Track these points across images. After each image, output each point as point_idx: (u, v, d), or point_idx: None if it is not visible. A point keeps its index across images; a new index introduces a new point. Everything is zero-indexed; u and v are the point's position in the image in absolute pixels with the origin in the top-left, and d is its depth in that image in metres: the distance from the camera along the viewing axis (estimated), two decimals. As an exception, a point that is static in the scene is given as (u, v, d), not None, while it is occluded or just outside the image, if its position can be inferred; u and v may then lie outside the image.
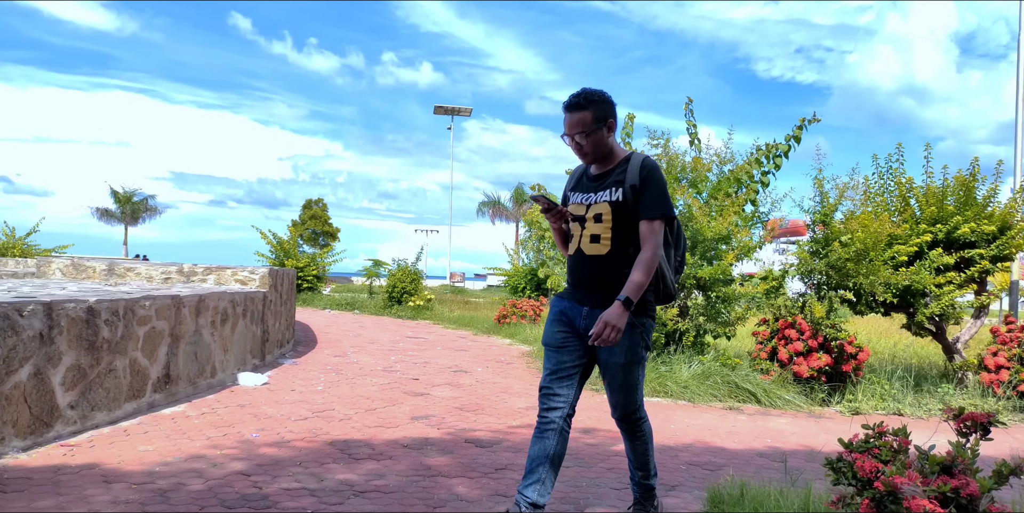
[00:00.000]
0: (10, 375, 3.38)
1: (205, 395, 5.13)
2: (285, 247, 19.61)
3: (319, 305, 17.36)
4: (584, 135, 2.56)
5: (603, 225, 2.58)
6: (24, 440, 3.46)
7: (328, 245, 38.72)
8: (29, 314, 3.49)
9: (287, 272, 8.14)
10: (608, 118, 2.58)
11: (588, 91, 2.58)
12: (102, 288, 5.18)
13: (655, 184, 2.56)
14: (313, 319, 12.96)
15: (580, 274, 2.66)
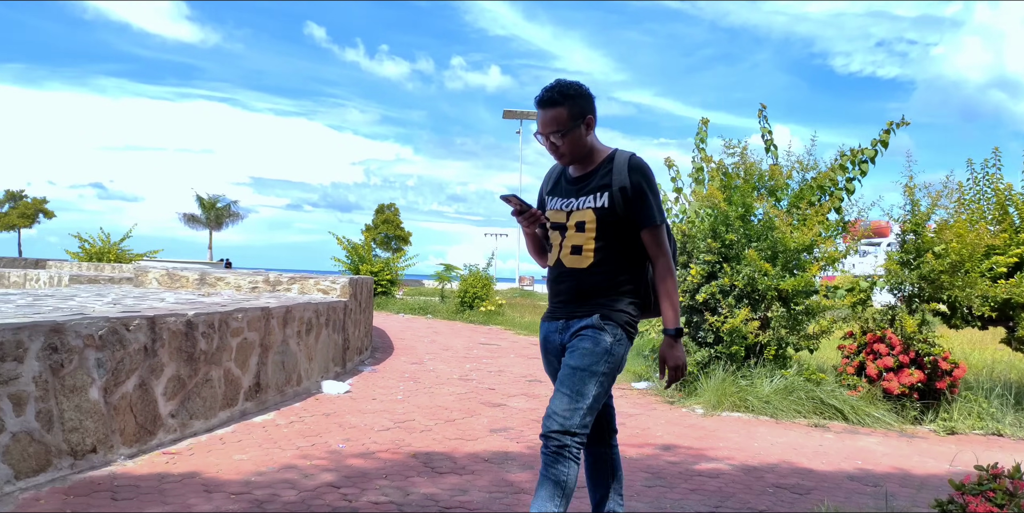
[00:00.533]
0: (118, 386, 3.59)
1: (292, 403, 5.31)
2: (360, 252, 20.08)
3: (393, 309, 17.71)
4: (560, 135, 2.30)
5: (586, 235, 2.34)
6: (130, 448, 3.67)
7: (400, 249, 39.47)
8: (135, 328, 3.70)
9: (365, 281, 8.35)
10: (586, 114, 2.32)
11: (563, 84, 2.32)
12: (197, 299, 5.44)
13: (650, 187, 2.33)
14: (388, 324, 13.23)
15: (560, 289, 2.42)
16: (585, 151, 2.37)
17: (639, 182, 2.31)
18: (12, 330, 3.01)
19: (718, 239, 6.34)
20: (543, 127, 2.32)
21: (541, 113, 2.32)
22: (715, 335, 6.25)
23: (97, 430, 3.45)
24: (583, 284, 2.36)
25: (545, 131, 2.32)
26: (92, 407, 3.42)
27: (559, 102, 2.28)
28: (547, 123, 2.30)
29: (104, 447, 3.50)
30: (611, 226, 2.32)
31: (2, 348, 2.96)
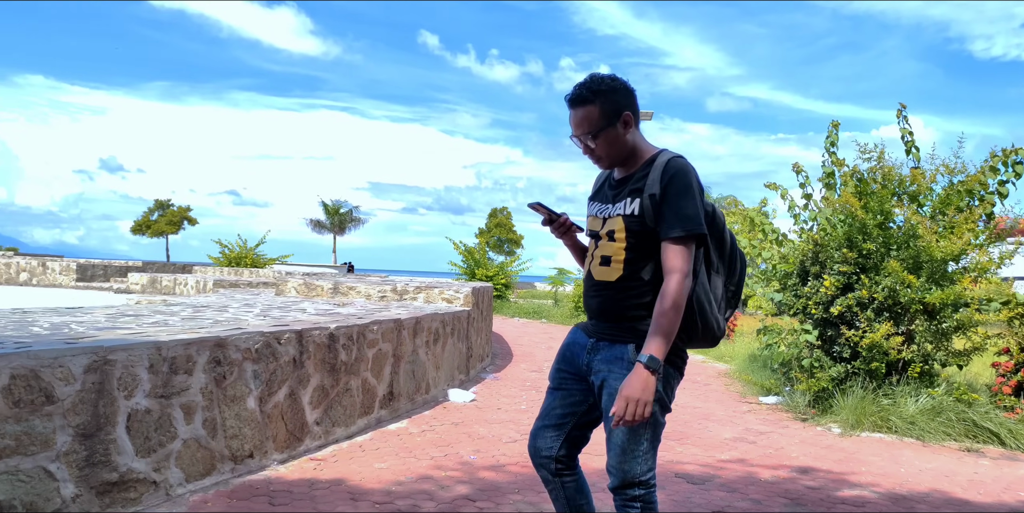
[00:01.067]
0: (271, 396, 3.85)
1: (422, 411, 5.50)
2: (475, 256, 20.51)
3: (508, 313, 17.96)
4: (592, 136, 2.07)
5: (616, 245, 2.09)
6: (282, 453, 3.92)
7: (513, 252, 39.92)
8: (285, 342, 3.96)
9: (486, 289, 8.52)
10: (622, 111, 2.06)
11: (594, 79, 2.08)
12: (333, 310, 5.74)
13: (679, 192, 2.00)
14: (505, 329, 13.42)
15: (588, 303, 2.20)
16: (625, 152, 2.11)
17: (668, 186, 2.01)
18: (183, 345, 3.30)
19: (854, 249, 6.01)
20: (574, 128, 2.10)
21: (572, 113, 2.10)
22: (852, 350, 5.94)
23: (254, 437, 3.72)
24: (611, 299, 2.11)
25: (577, 133, 2.10)
26: (249, 415, 3.69)
27: (589, 99, 2.05)
28: (578, 124, 2.08)
29: (260, 453, 3.76)
30: (643, 236, 2.05)
31: (175, 362, 3.25)
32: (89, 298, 13.71)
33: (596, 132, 2.06)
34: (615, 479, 2.09)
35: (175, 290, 15.57)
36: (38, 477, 2.66)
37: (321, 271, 22.03)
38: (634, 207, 2.05)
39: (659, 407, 2.03)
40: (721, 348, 10.52)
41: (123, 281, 19.32)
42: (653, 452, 2.09)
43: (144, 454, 3.09)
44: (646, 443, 2.07)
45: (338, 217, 49.81)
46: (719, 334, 2.15)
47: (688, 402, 6.59)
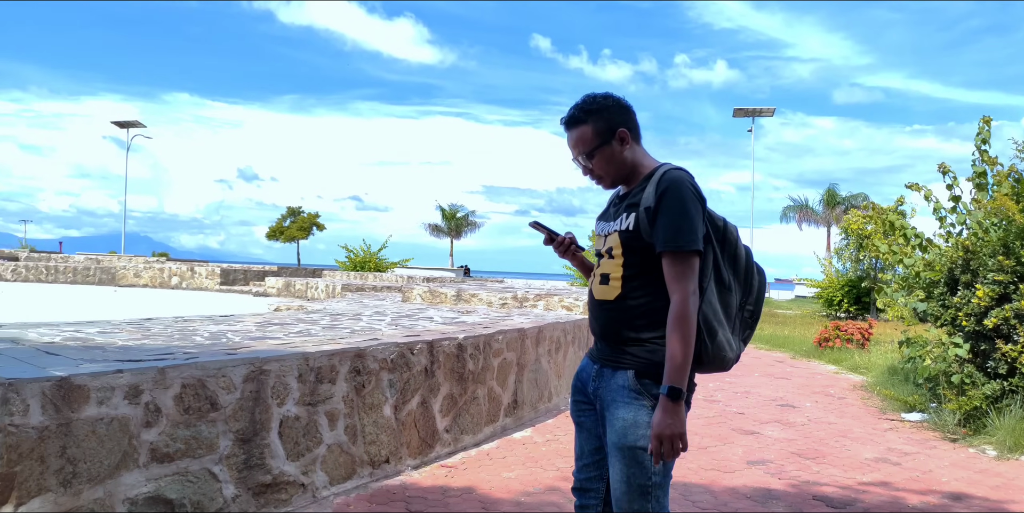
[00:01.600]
0: (405, 404, 4.02)
1: (545, 420, 5.55)
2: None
3: (624, 318, 17.76)
4: (587, 155, 2.03)
5: (614, 262, 1.99)
6: (415, 459, 4.08)
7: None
8: (417, 352, 4.11)
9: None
10: (617, 128, 2.02)
11: (586, 99, 2.05)
12: (458, 318, 5.90)
13: (672, 205, 1.89)
14: (622, 334, 13.29)
15: (592, 324, 2.09)
16: (625, 169, 2.05)
17: (662, 199, 1.91)
18: (327, 356, 3.50)
19: (1012, 256, 5.53)
20: (572, 149, 2.07)
21: (568, 135, 2.07)
22: (1009, 366, 5.46)
23: (389, 443, 3.89)
24: (612, 320, 1.99)
25: (574, 153, 2.07)
26: (386, 423, 3.87)
27: (582, 120, 2.03)
28: (575, 144, 2.06)
29: (395, 458, 3.93)
30: (639, 252, 1.95)
31: (320, 372, 3.46)
32: (233, 301, 14.77)
33: (592, 151, 2.03)
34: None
35: (307, 294, 16.51)
36: (204, 478, 2.90)
37: (440, 275, 22.67)
38: (629, 222, 1.97)
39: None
40: (855, 358, 9.96)
41: (260, 284, 20.66)
42: (662, 487, 1.92)
43: (294, 458, 3.30)
44: (655, 477, 1.90)
45: (455, 221, 51.09)
46: (731, 357, 2.00)
47: (822, 417, 6.29)
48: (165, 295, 16.90)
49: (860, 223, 8.46)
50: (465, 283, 10.71)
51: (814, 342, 11.56)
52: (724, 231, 2.05)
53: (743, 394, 7.34)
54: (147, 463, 2.70)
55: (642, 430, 1.89)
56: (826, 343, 11.21)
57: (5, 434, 2.32)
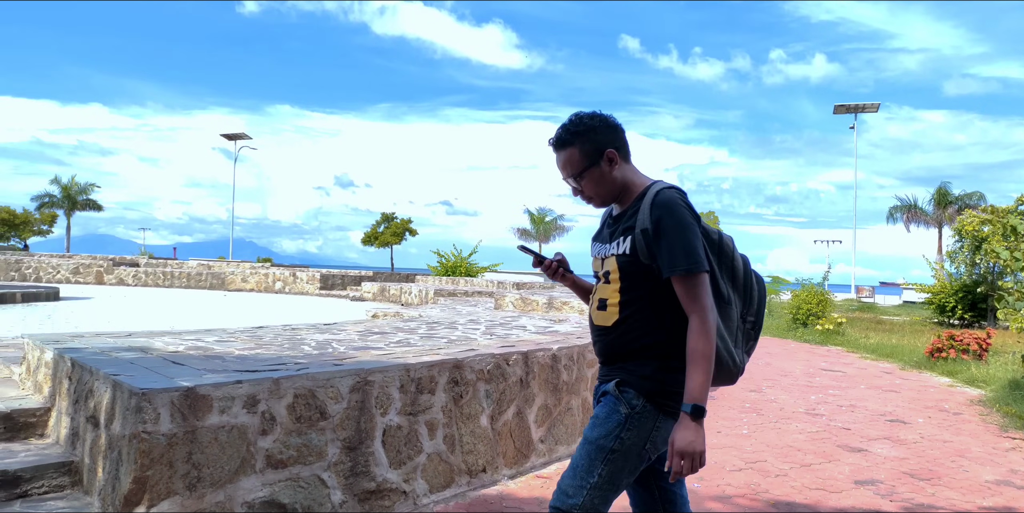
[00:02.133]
0: (501, 414, 4.07)
1: (639, 431, 5.49)
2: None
3: (718, 324, 17.30)
4: (576, 178, 2.04)
5: (611, 287, 2.01)
6: (510, 469, 4.13)
7: (720, 258, 38.38)
8: (513, 363, 4.16)
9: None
10: (604, 149, 2.00)
11: (572, 120, 2.03)
12: (551, 327, 5.92)
13: (670, 227, 1.88)
14: (716, 342, 12.96)
15: (594, 347, 2.11)
16: (616, 189, 2.05)
17: (658, 222, 1.89)
18: (427, 367, 3.60)
19: None
20: (560, 171, 2.08)
21: (556, 157, 2.07)
22: None
23: (486, 453, 3.95)
24: (612, 344, 2.02)
25: (563, 175, 2.08)
26: (483, 432, 3.93)
27: (569, 142, 2.02)
28: (563, 166, 2.06)
29: (491, 468, 3.99)
30: (637, 276, 1.96)
31: (421, 383, 3.56)
32: (333, 306, 15.35)
33: (580, 173, 2.03)
34: (556, 499, 1.95)
35: (401, 298, 16.96)
36: (314, 484, 3.04)
37: (529, 280, 22.78)
38: (626, 246, 1.97)
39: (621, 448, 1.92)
40: (972, 370, 9.33)
41: (357, 289, 21.37)
42: (605, 492, 1.92)
43: (396, 466, 3.41)
44: (598, 479, 1.91)
45: (543, 226, 51.27)
46: (735, 371, 2.01)
47: (936, 434, 5.94)
48: (270, 299, 17.74)
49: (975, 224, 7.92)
50: (555, 290, 10.74)
51: (925, 352, 10.92)
52: (720, 245, 2.04)
53: (848, 408, 7.02)
54: (263, 469, 2.86)
55: (608, 431, 1.94)
56: (939, 353, 10.56)
57: (139, 440, 2.52)
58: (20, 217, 46.98)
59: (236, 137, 45.55)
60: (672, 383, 1.95)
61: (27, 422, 3.40)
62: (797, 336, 14.85)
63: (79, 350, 3.49)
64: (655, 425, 1.96)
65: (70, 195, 49.01)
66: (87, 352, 3.43)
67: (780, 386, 8.23)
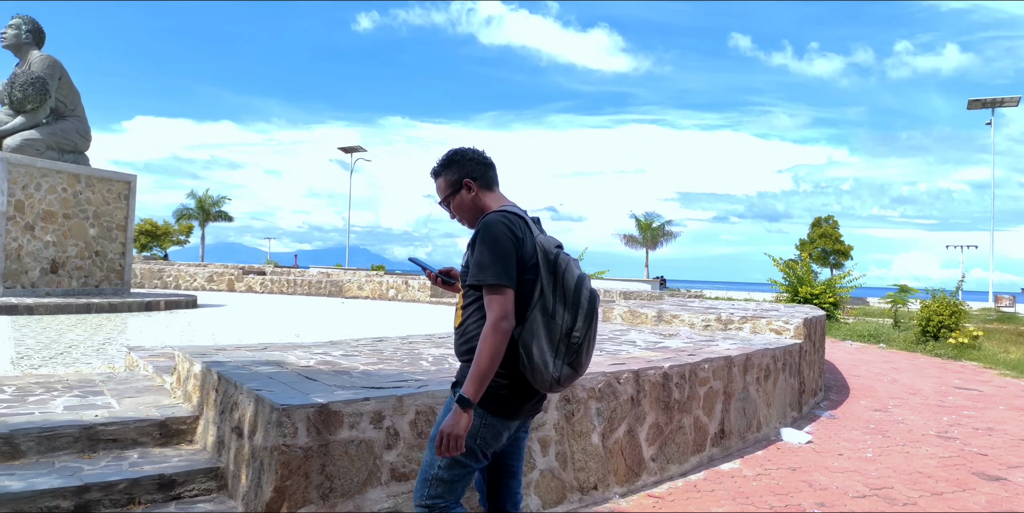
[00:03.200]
0: (612, 432, 4.10)
1: (754, 451, 5.36)
2: (797, 272, 19.23)
3: (838, 335, 16.51)
4: (445, 203, 2.42)
5: (461, 294, 2.38)
6: (621, 487, 4.15)
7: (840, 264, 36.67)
8: (624, 381, 4.19)
9: (818, 319, 7.98)
10: (463, 178, 2.36)
11: (446, 154, 2.40)
12: (661, 342, 5.88)
13: (481, 243, 2.18)
14: (836, 355, 12.38)
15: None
16: (476, 213, 2.38)
17: (475, 238, 2.23)
18: (539, 385, 3.68)
19: None
20: (438, 197, 2.44)
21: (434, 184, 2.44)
22: None
23: (597, 470, 4.00)
24: (457, 344, 2.35)
25: (439, 202, 2.44)
26: (594, 450, 3.98)
27: (439, 172, 2.40)
28: (437, 192, 2.43)
29: (603, 485, 4.03)
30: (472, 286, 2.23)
31: (533, 400, 3.64)
32: (443, 313, 15.75)
33: (446, 199, 2.40)
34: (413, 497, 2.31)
35: (508, 306, 17.17)
36: (434, 496, 3.19)
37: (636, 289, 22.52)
38: (466, 259, 2.29)
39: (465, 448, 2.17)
40: None
41: (465, 297, 21.67)
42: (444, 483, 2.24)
43: (510, 481, 3.51)
44: (438, 470, 2.24)
45: (650, 232, 50.47)
46: (551, 380, 2.17)
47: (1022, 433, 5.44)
48: (384, 307, 18.44)
49: None
50: (665, 301, 10.60)
51: (1077, 371, 9.98)
52: (554, 263, 2.23)
53: (985, 431, 6.54)
54: (388, 481, 3.03)
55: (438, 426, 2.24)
56: (1093, 373, 9.62)
57: (280, 452, 2.74)
58: (161, 228, 51.12)
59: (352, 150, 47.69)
60: (493, 385, 2.20)
61: (178, 429, 3.75)
62: (927, 350, 13.92)
63: (223, 364, 3.81)
64: (481, 422, 2.23)
65: (204, 207, 52.82)
66: (230, 366, 3.74)
67: (908, 405, 7.77)
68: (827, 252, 41.87)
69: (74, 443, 3.47)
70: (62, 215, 15.04)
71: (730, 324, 7.21)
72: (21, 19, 15.49)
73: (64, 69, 15.73)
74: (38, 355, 7.40)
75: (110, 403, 4.02)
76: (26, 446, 3.36)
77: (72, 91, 15.92)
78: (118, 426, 3.59)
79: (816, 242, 41.94)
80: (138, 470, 3.23)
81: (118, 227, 16.33)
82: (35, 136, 14.94)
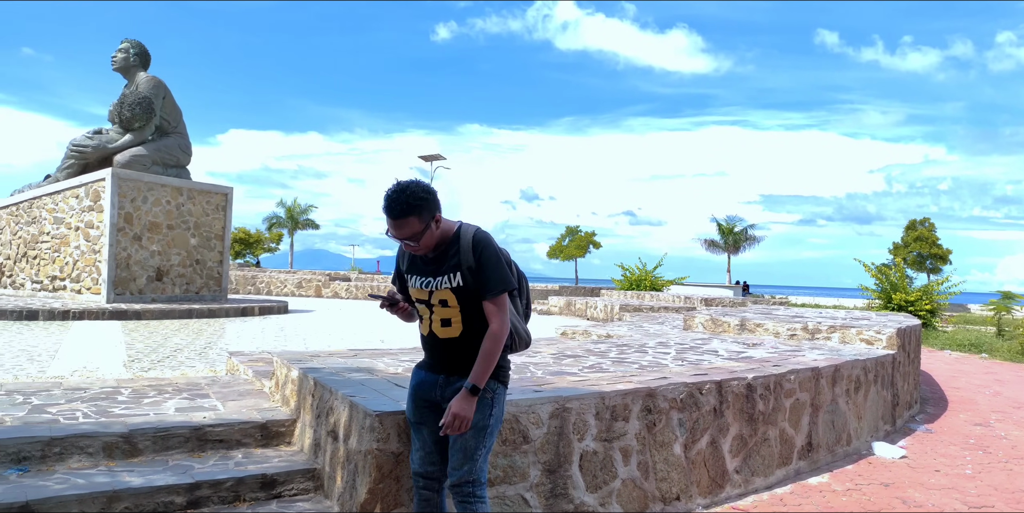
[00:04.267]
0: (694, 443, 4.09)
1: (843, 465, 5.21)
2: (891, 278, 18.42)
3: (935, 345, 15.70)
4: (416, 240, 2.54)
5: (451, 309, 2.62)
6: (704, 498, 4.13)
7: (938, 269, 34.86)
8: (706, 392, 4.17)
9: (913, 329, 7.66)
10: (434, 214, 2.54)
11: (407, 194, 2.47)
12: (744, 352, 5.80)
13: (490, 262, 2.58)
14: (933, 365, 11.79)
15: (437, 355, 2.71)
16: (440, 240, 2.62)
17: (480, 259, 2.57)
18: (621, 395, 3.73)
19: None
20: (397, 232, 2.52)
21: (393, 221, 2.50)
22: None
23: (680, 481, 3.99)
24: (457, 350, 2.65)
25: (401, 236, 2.53)
26: (676, 460, 3.98)
27: (408, 213, 2.48)
28: (400, 231, 2.52)
29: (685, 496, 4.02)
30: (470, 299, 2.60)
31: (615, 410, 3.69)
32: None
33: (419, 236, 2.53)
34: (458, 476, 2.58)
35: (587, 313, 17.18)
36: (518, 503, 3.28)
37: (717, 295, 22.08)
38: (458, 280, 2.58)
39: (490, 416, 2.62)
40: None
41: (544, 303, 21.93)
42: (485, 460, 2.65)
43: (592, 490, 3.57)
44: (484, 450, 2.63)
45: (732, 236, 49.27)
46: (528, 340, 2.81)
47: None
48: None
49: None
50: (748, 309, 10.38)
51: None
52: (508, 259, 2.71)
53: (1101, 450, 6.12)
54: (474, 487, 3.13)
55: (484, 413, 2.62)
56: None
57: (373, 456, 2.89)
58: (253, 236, 53.52)
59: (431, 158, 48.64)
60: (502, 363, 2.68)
61: (278, 431, 3.99)
62: (1035, 361, 13.08)
63: (318, 370, 4.02)
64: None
65: (293, 215, 54.99)
66: (324, 372, 3.95)
67: (1012, 420, 7.35)
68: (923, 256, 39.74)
69: (185, 443, 3.74)
70: (166, 226, 16.01)
71: (817, 334, 7.02)
72: (129, 43, 16.62)
73: (167, 89, 16.77)
74: (147, 358, 7.94)
75: (215, 406, 4.30)
76: (143, 445, 3.65)
77: (175, 109, 16.95)
78: (224, 428, 3.84)
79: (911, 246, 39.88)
80: (243, 469, 3.46)
81: (216, 236, 17.24)
82: (142, 152, 15.98)
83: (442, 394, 2.67)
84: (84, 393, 4.60)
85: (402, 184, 2.52)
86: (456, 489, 2.60)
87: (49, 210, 15.73)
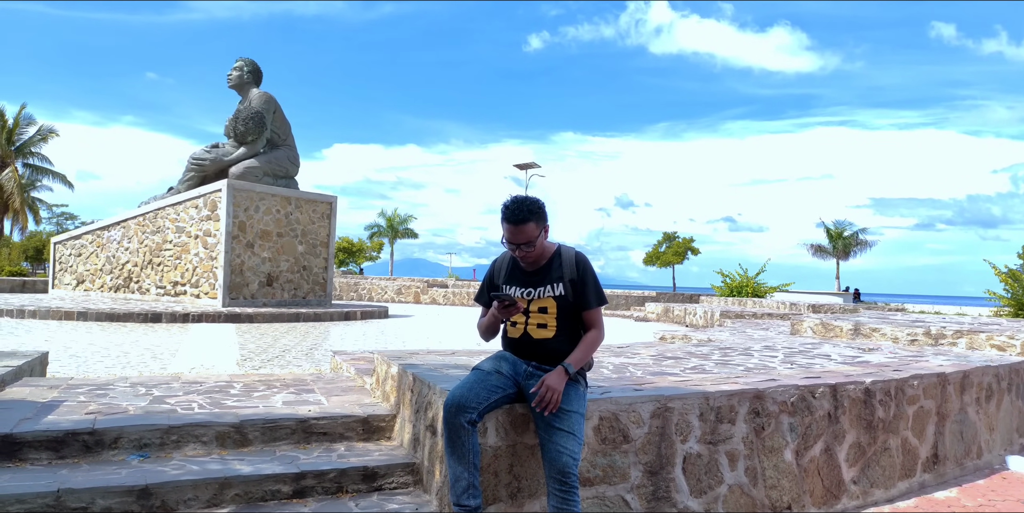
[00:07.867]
0: (807, 450, 3.85)
1: (974, 479, 4.78)
2: (1023, 282, 16.93)
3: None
4: (531, 245, 2.85)
5: (549, 315, 2.95)
6: (818, 508, 3.87)
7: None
8: (819, 396, 3.92)
9: (1052, 334, 6.97)
10: (545, 223, 2.90)
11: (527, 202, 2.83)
12: (859, 356, 5.44)
13: (592, 278, 2.96)
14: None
15: (528, 352, 2.98)
16: (539, 254, 2.94)
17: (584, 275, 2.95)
18: (727, 396, 3.56)
19: None
20: (515, 237, 2.84)
21: (511, 227, 2.83)
22: None
23: (791, 489, 3.77)
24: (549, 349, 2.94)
25: (519, 241, 2.84)
26: (787, 468, 3.76)
27: (527, 218, 2.82)
28: (518, 236, 2.83)
29: (797, 505, 3.78)
30: (568, 307, 2.94)
31: (720, 412, 3.52)
32: (618, 326, 15.67)
33: (535, 241, 2.85)
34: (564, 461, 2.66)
35: (685, 319, 16.72)
36: (618, 504, 3.18)
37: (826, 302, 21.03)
38: (560, 290, 2.94)
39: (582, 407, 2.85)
40: None
41: (641, 309, 21.54)
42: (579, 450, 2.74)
43: (697, 494, 3.41)
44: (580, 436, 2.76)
45: (842, 241, 46.84)
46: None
47: None
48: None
49: None
50: (861, 314, 9.80)
51: None
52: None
53: None
54: (573, 485, 3.05)
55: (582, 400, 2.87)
56: None
57: (471, 450, 2.86)
58: (356, 246, 55.48)
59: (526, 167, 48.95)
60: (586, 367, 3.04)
61: (378, 426, 4.04)
62: None
63: (417, 366, 4.06)
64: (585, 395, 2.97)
65: (393, 225, 56.64)
66: (423, 368, 3.98)
67: None
68: (1059, 261, 36.38)
69: (291, 434, 3.85)
70: (275, 234, 16.81)
71: (941, 339, 6.52)
72: (244, 61, 17.63)
73: (278, 104, 17.65)
74: (258, 357, 8.31)
75: (320, 400, 4.42)
76: (252, 435, 3.78)
77: (284, 123, 17.82)
78: (328, 421, 3.93)
79: (1046, 249, 36.60)
80: (345, 462, 3.52)
81: (321, 244, 17.95)
82: (254, 164, 16.87)
83: (526, 372, 2.93)
84: (200, 387, 4.83)
85: (519, 196, 2.89)
86: (561, 478, 2.64)
87: (172, 220, 16.84)
